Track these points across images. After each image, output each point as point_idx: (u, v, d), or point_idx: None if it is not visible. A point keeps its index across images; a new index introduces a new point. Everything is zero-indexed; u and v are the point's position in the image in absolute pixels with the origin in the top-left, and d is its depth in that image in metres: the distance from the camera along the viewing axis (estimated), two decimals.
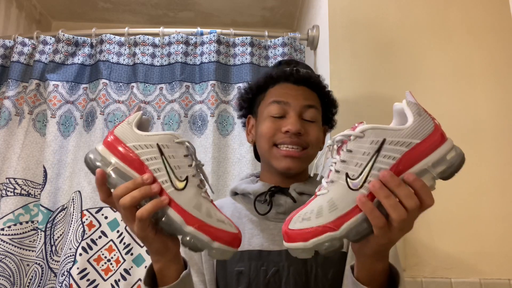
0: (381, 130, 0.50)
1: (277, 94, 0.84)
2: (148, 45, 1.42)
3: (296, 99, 0.82)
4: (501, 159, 1.17)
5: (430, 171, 0.50)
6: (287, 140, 0.78)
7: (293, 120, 0.79)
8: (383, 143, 0.50)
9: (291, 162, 0.79)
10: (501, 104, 1.21)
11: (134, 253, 1.20)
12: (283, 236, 0.54)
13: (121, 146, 0.57)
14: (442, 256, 1.09)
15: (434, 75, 1.22)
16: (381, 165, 0.49)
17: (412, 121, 0.51)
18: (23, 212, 1.27)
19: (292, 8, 2.00)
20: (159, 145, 0.56)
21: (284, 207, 0.80)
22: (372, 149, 0.50)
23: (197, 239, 0.54)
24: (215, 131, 1.31)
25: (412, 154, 0.50)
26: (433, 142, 0.51)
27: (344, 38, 1.25)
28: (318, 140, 0.83)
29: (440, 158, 0.50)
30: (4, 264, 1.22)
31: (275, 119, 0.81)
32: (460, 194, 1.14)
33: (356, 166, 0.50)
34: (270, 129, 0.81)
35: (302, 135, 0.79)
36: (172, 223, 0.54)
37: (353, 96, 1.20)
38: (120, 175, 0.56)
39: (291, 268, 0.74)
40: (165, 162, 0.56)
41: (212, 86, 1.34)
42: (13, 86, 1.40)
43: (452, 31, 1.26)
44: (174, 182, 0.56)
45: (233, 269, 0.76)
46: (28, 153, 1.32)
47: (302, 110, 0.81)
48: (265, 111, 0.84)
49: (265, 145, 0.82)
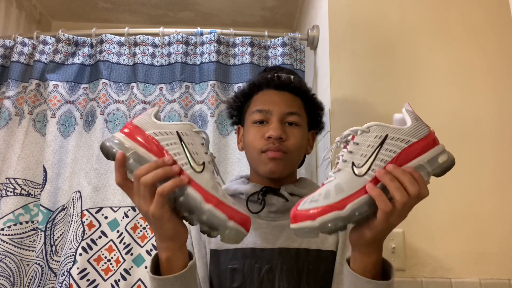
0: (385, 127, 0.58)
1: (260, 103, 0.87)
2: (148, 45, 1.42)
3: (278, 105, 0.84)
4: (501, 159, 1.17)
5: (426, 166, 0.58)
6: (271, 146, 0.81)
7: (274, 126, 0.81)
8: (385, 138, 0.58)
9: (274, 165, 0.81)
10: (500, 104, 1.21)
11: (134, 253, 1.20)
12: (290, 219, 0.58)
13: (140, 133, 0.60)
14: (442, 256, 1.09)
15: (434, 75, 1.22)
16: (383, 156, 0.57)
17: (410, 123, 0.59)
18: (23, 212, 1.27)
19: (292, 8, 2.00)
20: (178, 132, 0.61)
21: (276, 206, 0.82)
22: (376, 143, 0.58)
23: (215, 217, 0.57)
24: (215, 131, 1.31)
25: (409, 150, 0.58)
26: (427, 143, 0.59)
27: (344, 38, 1.25)
28: (300, 145, 0.85)
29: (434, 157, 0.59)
30: (4, 264, 1.22)
31: (258, 127, 0.84)
32: (460, 194, 1.14)
33: (361, 156, 0.58)
34: (255, 137, 0.84)
35: (284, 140, 0.81)
36: (192, 199, 0.57)
37: (353, 96, 1.20)
38: (139, 160, 0.58)
39: (284, 265, 0.77)
40: (184, 147, 0.60)
41: (212, 86, 1.34)
42: (13, 86, 1.40)
43: (452, 31, 1.26)
44: (193, 164, 0.59)
45: (226, 267, 0.78)
46: (28, 153, 1.32)
47: (284, 116, 0.84)
48: (249, 119, 0.87)
49: (252, 153, 0.85)
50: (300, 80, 0.92)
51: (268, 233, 0.81)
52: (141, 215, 1.23)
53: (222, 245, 0.80)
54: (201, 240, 0.82)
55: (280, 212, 0.83)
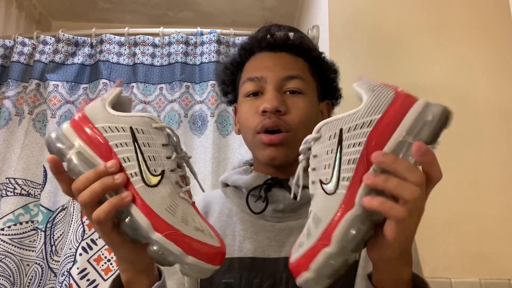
0: (334, 121, 0.45)
1: (252, 69, 0.70)
2: (148, 45, 1.42)
3: (273, 70, 0.67)
4: (501, 159, 1.17)
5: (407, 140, 0.42)
6: (267, 122, 0.64)
7: (269, 96, 0.64)
8: (341, 133, 0.44)
9: (274, 151, 0.65)
10: (501, 103, 1.21)
11: None
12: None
13: (88, 126, 0.47)
14: (442, 256, 1.09)
15: (434, 75, 1.22)
16: (348, 156, 0.43)
17: (365, 99, 0.45)
18: (23, 212, 1.27)
19: (292, 8, 2.00)
20: (132, 128, 0.46)
21: (283, 203, 0.66)
22: (333, 145, 0.44)
23: (167, 251, 0.43)
24: (215, 131, 1.31)
25: (378, 131, 0.42)
26: (397, 109, 0.43)
27: (344, 38, 1.25)
28: (307, 118, 0.66)
29: (414, 121, 0.42)
30: (4, 264, 1.22)
31: (251, 99, 0.68)
32: (460, 194, 1.14)
33: (325, 169, 0.44)
34: (248, 113, 0.67)
35: (283, 113, 0.64)
36: (137, 227, 0.43)
37: (353, 96, 1.20)
38: (84, 161, 0.45)
39: (290, 280, 0.60)
40: (137, 150, 0.45)
41: (212, 86, 1.34)
42: (13, 86, 1.40)
43: (451, 31, 1.26)
44: (146, 175, 0.45)
45: (220, 281, 0.63)
46: (28, 153, 1.32)
47: (282, 83, 0.66)
48: (241, 91, 0.70)
49: (247, 135, 0.68)
50: (301, 37, 0.72)
51: (272, 238, 0.65)
52: None
53: None
54: None
55: (288, 211, 0.67)
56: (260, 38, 0.70)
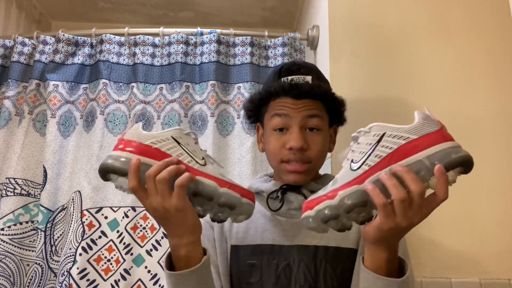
0: (384, 126, 0.60)
1: (278, 107, 0.83)
2: (148, 45, 1.42)
3: (297, 111, 0.81)
4: (501, 159, 1.17)
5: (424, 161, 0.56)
6: (292, 157, 0.80)
7: (295, 136, 0.79)
8: (383, 135, 0.59)
9: (297, 177, 0.81)
10: (501, 104, 1.21)
11: (134, 253, 1.20)
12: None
13: (138, 145, 0.65)
14: (442, 256, 1.09)
15: (433, 75, 1.22)
16: (378, 152, 0.58)
17: (415, 122, 0.59)
18: (23, 212, 1.27)
19: (292, 8, 2.00)
20: (173, 137, 0.67)
21: (295, 203, 0.83)
22: (374, 140, 0.60)
23: (231, 197, 0.65)
24: (215, 131, 1.31)
25: (408, 146, 0.57)
26: (431, 139, 0.57)
27: (344, 38, 1.25)
28: (323, 151, 0.83)
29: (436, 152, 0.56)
30: (4, 264, 1.22)
31: (279, 135, 0.82)
32: (460, 194, 1.14)
33: (360, 153, 0.61)
34: (275, 146, 0.82)
35: (305, 150, 0.79)
36: (208, 187, 0.64)
37: (353, 96, 1.20)
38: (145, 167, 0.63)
39: (301, 263, 0.78)
40: (183, 148, 0.67)
41: (212, 86, 1.34)
42: (13, 86, 1.40)
43: (452, 31, 1.26)
44: (197, 160, 0.67)
45: (245, 262, 0.80)
46: (28, 153, 1.32)
47: (305, 121, 0.81)
48: (269, 124, 0.84)
49: (273, 162, 0.85)
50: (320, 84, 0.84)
51: (287, 230, 0.82)
52: (141, 216, 1.23)
53: (243, 241, 0.82)
54: (223, 236, 0.84)
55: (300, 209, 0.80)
56: (287, 88, 0.81)
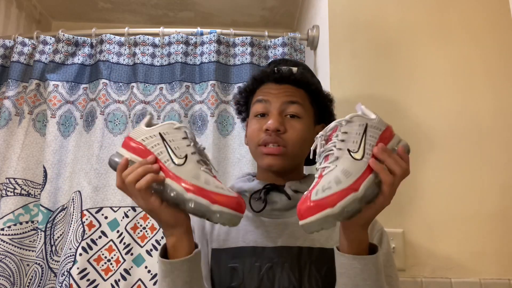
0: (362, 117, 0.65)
1: (261, 93, 0.86)
2: (148, 45, 1.42)
3: (277, 96, 0.83)
4: (501, 159, 1.17)
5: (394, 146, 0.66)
6: (268, 139, 0.80)
7: (272, 118, 0.80)
8: (366, 126, 0.64)
9: (272, 160, 0.80)
10: (500, 104, 1.21)
11: (134, 253, 1.20)
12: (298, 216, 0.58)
13: (133, 142, 0.69)
14: (442, 256, 1.09)
15: (433, 75, 1.23)
16: (369, 141, 0.64)
17: (374, 116, 0.66)
18: (23, 212, 1.27)
19: (292, 8, 2.00)
20: (160, 133, 0.67)
21: (279, 204, 0.81)
22: (361, 130, 0.64)
23: (198, 204, 0.61)
24: (215, 131, 1.31)
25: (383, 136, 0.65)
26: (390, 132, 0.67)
27: (344, 38, 1.25)
28: (302, 138, 0.82)
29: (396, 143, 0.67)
30: (4, 264, 1.22)
31: (259, 119, 0.84)
32: (460, 194, 1.14)
33: (353, 143, 0.63)
34: (254, 130, 0.83)
35: (282, 132, 0.80)
36: (174, 192, 0.63)
37: (353, 96, 1.20)
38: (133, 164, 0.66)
39: (285, 264, 0.75)
40: (166, 145, 0.66)
41: (212, 86, 1.34)
42: (13, 86, 1.40)
43: (451, 31, 1.26)
44: (174, 159, 0.65)
45: (227, 266, 0.77)
46: (28, 153, 1.32)
47: (284, 106, 0.82)
48: (252, 111, 0.87)
49: (252, 147, 0.85)
50: (303, 72, 0.89)
51: (270, 231, 0.80)
52: (141, 215, 1.23)
53: (224, 244, 0.80)
54: (204, 239, 0.82)
55: (283, 210, 0.82)
56: (270, 72, 0.87)
